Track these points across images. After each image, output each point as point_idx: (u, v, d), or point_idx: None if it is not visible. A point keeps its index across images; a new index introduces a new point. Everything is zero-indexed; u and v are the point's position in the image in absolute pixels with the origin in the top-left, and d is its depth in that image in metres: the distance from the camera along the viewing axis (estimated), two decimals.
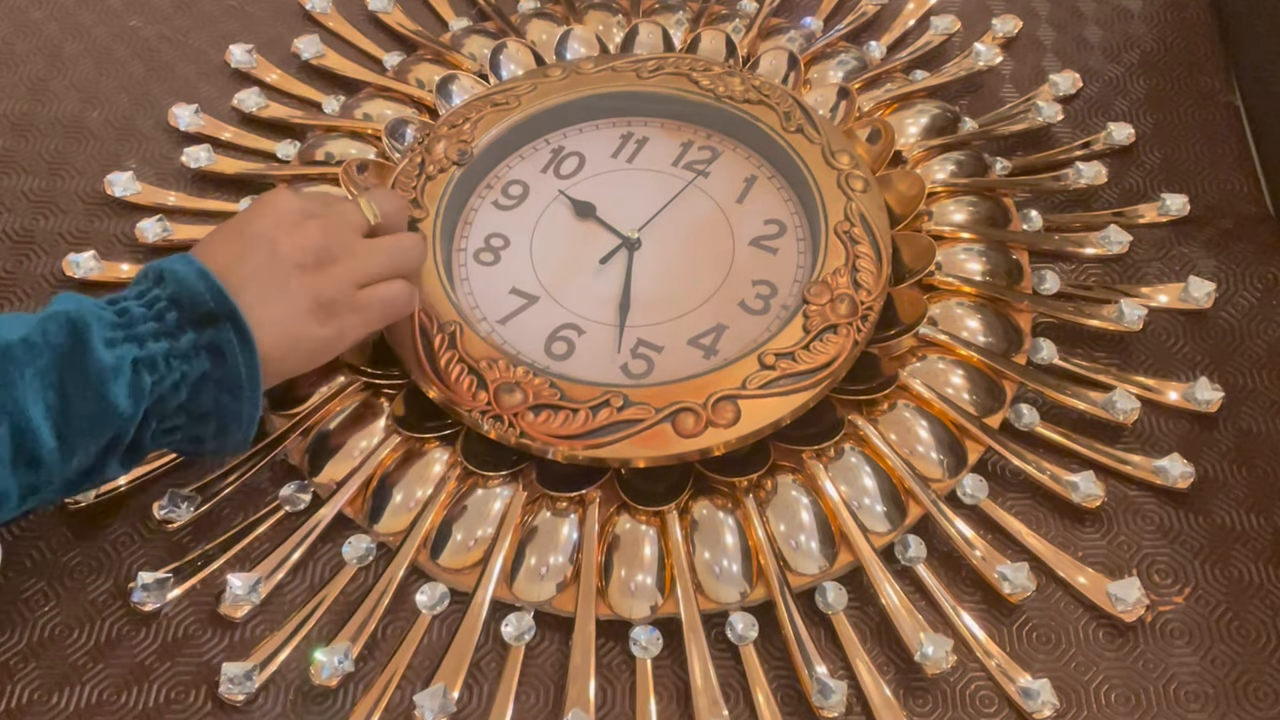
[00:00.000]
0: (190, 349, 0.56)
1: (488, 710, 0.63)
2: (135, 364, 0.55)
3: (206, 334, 0.56)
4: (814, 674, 0.62)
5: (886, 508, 0.68)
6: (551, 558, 0.66)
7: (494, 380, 0.68)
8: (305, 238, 0.62)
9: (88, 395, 0.53)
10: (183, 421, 0.58)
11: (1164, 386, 0.74)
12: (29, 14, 0.95)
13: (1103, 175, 0.83)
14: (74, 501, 0.69)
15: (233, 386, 0.57)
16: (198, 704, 0.64)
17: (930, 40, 0.92)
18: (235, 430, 0.59)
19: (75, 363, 0.53)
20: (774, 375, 0.68)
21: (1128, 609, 0.65)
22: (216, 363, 0.56)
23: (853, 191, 0.76)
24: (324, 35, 0.93)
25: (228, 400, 0.58)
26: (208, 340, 0.56)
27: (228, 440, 0.59)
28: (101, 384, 0.53)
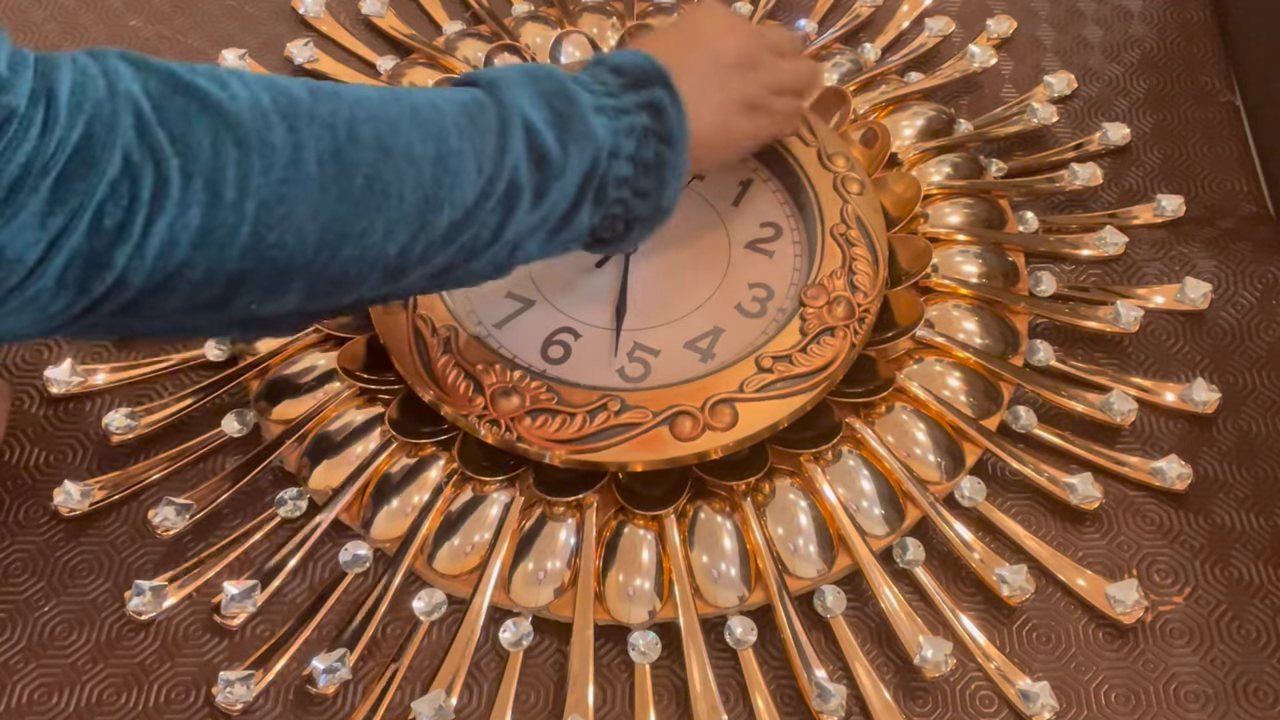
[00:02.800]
0: (633, 105, 0.61)
1: (486, 715, 0.63)
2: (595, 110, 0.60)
3: (644, 94, 0.62)
4: (813, 677, 0.62)
5: (885, 510, 0.68)
6: (549, 563, 0.66)
7: (490, 384, 0.68)
8: (740, 42, 0.69)
9: (574, 117, 0.59)
10: (630, 171, 0.61)
11: (1161, 388, 0.74)
12: (29, 14, 0.95)
13: (1098, 176, 0.83)
14: (70, 509, 0.69)
15: (670, 139, 0.62)
16: (197, 705, 0.64)
17: (925, 42, 0.92)
18: (671, 183, 0.63)
19: (560, 93, 0.59)
20: (771, 378, 0.68)
21: (1126, 611, 0.65)
22: (654, 118, 0.62)
23: (848, 194, 0.76)
24: (317, 39, 0.93)
25: (667, 152, 0.62)
26: (646, 99, 0.62)
27: (664, 196, 0.63)
28: (583, 109, 0.59)
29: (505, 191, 0.56)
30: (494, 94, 0.58)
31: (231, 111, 0.49)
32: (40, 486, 0.70)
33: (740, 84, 0.68)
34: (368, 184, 0.52)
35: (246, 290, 0.51)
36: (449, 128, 0.55)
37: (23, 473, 0.71)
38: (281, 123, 0.50)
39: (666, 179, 0.63)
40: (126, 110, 0.47)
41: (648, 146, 0.61)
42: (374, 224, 0.53)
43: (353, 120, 0.52)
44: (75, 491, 0.69)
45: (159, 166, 0.47)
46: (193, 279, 0.49)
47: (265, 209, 0.49)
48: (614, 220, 0.63)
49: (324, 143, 0.51)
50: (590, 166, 0.59)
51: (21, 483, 0.71)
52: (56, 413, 0.73)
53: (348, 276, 0.54)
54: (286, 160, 0.50)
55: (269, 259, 0.50)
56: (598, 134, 0.59)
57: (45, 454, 0.72)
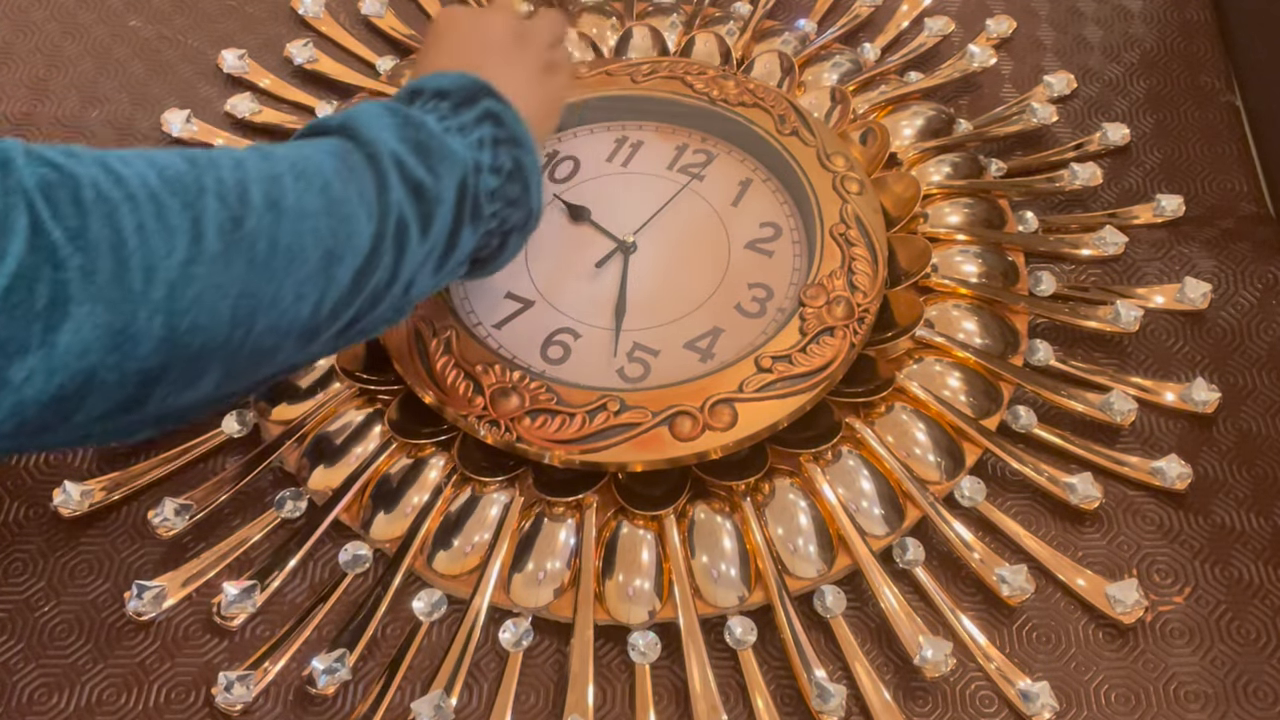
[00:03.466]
0: (473, 120, 0.62)
1: (486, 716, 0.63)
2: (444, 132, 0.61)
3: (479, 107, 0.62)
4: (813, 677, 0.62)
5: (884, 510, 0.68)
6: (549, 563, 0.66)
7: (490, 385, 0.68)
8: (499, 22, 0.70)
9: (431, 142, 0.59)
10: (497, 183, 0.62)
11: (1161, 387, 0.73)
12: (29, 14, 0.95)
13: (1098, 176, 0.83)
14: (69, 510, 0.69)
15: (518, 141, 0.63)
16: (197, 704, 0.64)
17: (924, 42, 0.92)
18: (535, 182, 0.64)
19: (410, 123, 0.59)
20: (771, 378, 0.68)
21: (1126, 610, 0.65)
22: (497, 126, 0.62)
23: (848, 194, 0.76)
24: (317, 40, 0.93)
25: (521, 154, 0.63)
26: (482, 110, 0.62)
27: (531, 197, 0.64)
28: (438, 135, 0.59)
29: (396, 229, 0.56)
30: (354, 136, 0.57)
31: (124, 198, 0.46)
32: (40, 487, 0.70)
33: (526, 55, 0.69)
34: (270, 247, 0.51)
35: (163, 385, 0.49)
36: (329, 176, 0.54)
37: (23, 473, 0.71)
38: (174, 199, 0.48)
39: (529, 180, 0.64)
40: (19, 208, 0.43)
41: (502, 154, 0.62)
42: (283, 288, 0.52)
43: (241, 184, 0.51)
44: (75, 492, 0.69)
45: (57, 269, 0.44)
46: (104, 384, 0.46)
47: (175, 294, 0.47)
48: (490, 235, 0.63)
49: (221, 213, 0.49)
50: (460, 186, 0.59)
51: (21, 483, 0.71)
52: None
53: (263, 348, 0.52)
54: (188, 239, 0.48)
55: (185, 346, 0.48)
56: (458, 153, 0.59)
57: (45, 454, 0.72)
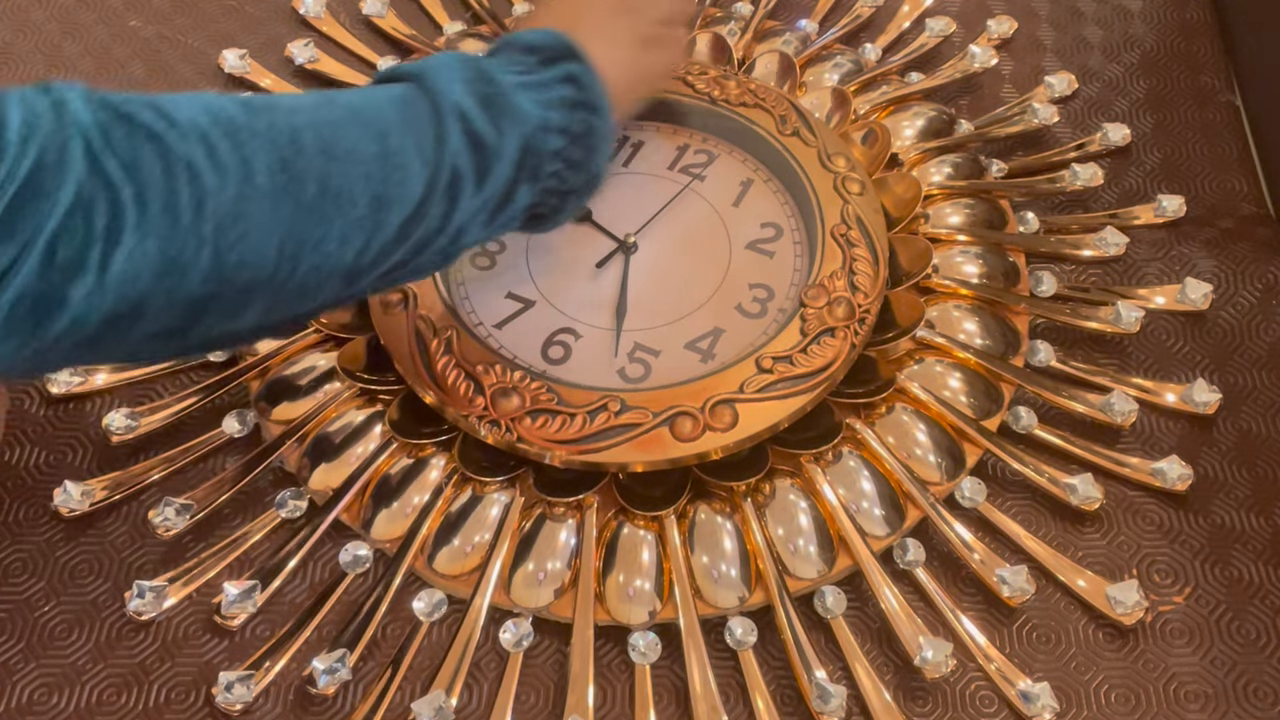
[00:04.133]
0: (553, 80, 0.62)
1: (486, 716, 0.63)
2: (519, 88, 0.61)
3: (561, 67, 0.62)
4: (813, 678, 0.62)
5: (885, 511, 0.68)
6: (549, 563, 0.66)
7: (491, 385, 0.68)
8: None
9: (500, 98, 0.59)
10: (562, 144, 0.62)
11: (1162, 388, 0.73)
12: (29, 14, 0.95)
13: (1099, 176, 0.83)
14: (70, 510, 0.69)
15: (594, 106, 0.63)
16: (197, 705, 0.64)
17: (925, 42, 0.92)
18: (602, 148, 0.64)
19: (483, 77, 0.59)
20: (771, 379, 0.68)
21: (1127, 611, 0.65)
22: (575, 89, 0.62)
23: (849, 194, 0.76)
24: (318, 39, 0.93)
25: (592, 119, 0.63)
26: (564, 72, 0.62)
27: (595, 162, 0.64)
28: (507, 90, 0.59)
29: (449, 181, 0.57)
30: (423, 85, 0.58)
31: (177, 137, 0.49)
32: (40, 487, 0.70)
33: (631, 24, 0.69)
34: (320, 191, 0.52)
35: (209, 313, 0.51)
36: (389, 124, 0.56)
37: (23, 473, 0.71)
38: (224, 140, 0.50)
39: (596, 146, 0.63)
40: (76, 140, 0.46)
41: (574, 116, 0.62)
42: (330, 231, 0.53)
43: (293, 129, 0.52)
44: (75, 492, 0.69)
45: (112, 196, 0.46)
46: (155, 309, 0.49)
47: (223, 229, 0.49)
48: (548, 194, 0.63)
49: (271, 155, 0.51)
50: (524, 143, 0.59)
51: (21, 483, 0.71)
52: (57, 413, 0.73)
53: (307, 287, 0.54)
54: (238, 177, 0.50)
55: (231, 279, 0.50)
56: (526, 111, 0.59)
57: (45, 454, 0.72)
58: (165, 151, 0.48)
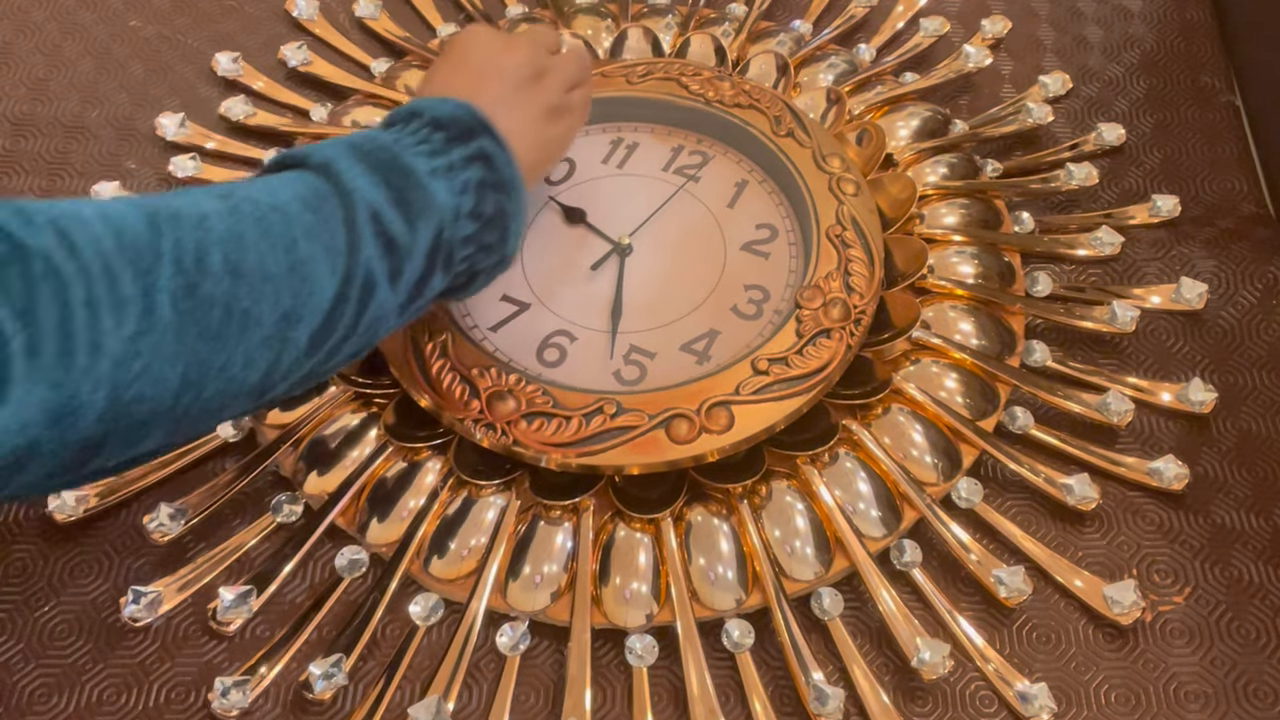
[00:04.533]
0: (462, 161, 0.60)
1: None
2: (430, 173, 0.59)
3: (471, 146, 0.61)
4: (811, 680, 0.62)
5: (882, 512, 0.68)
6: (546, 566, 0.66)
7: (486, 388, 0.68)
8: (521, 56, 0.68)
9: (411, 187, 0.58)
10: (474, 229, 0.61)
11: (1158, 388, 0.73)
12: (29, 14, 0.95)
13: (1094, 176, 0.83)
14: (64, 515, 0.69)
15: (505, 187, 0.62)
16: (197, 705, 0.63)
17: (920, 42, 0.92)
18: (513, 231, 0.63)
19: (394, 165, 0.58)
20: (767, 380, 0.68)
21: (1124, 611, 0.65)
22: (487, 169, 0.61)
23: (844, 195, 0.76)
24: (311, 42, 0.93)
25: (504, 200, 0.62)
26: (474, 150, 0.61)
27: (508, 245, 0.63)
28: (420, 177, 0.58)
29: (362, 285, 0.55)
30: (331, 180, 0.56)
31: (76, 270, 0.45)
32: None
33: (539, 96, 0.68)
34: (226, 314, 0.50)
35: (104, 451, 0.48)
36: (297, 232, 0.53)
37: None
38: (128, 269, 0.47)
39: (508, 227, 0.63)
40: None
41: (486, 200, 0.61)
42: (234, 354, 0.50)
43: (200, 248, 0.49)
44: (70, 498, 0.69)
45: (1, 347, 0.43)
46: (44, 454, 0.46)
47: (121, 367, 0.46)
48: (459, 276, 0.62)
49: (176, 280, 0.48)
50: (436, 236, 0.58)
51: None
52: None
53: (211, 409, 0.51)
54: (139, 310, 0.47)
55: (128, 414, 0.47)
56: (439, 200, 0.58)
57: None
58: (63, 290, 0.44)
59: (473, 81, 0.66)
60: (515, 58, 0.68)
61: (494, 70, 0.67)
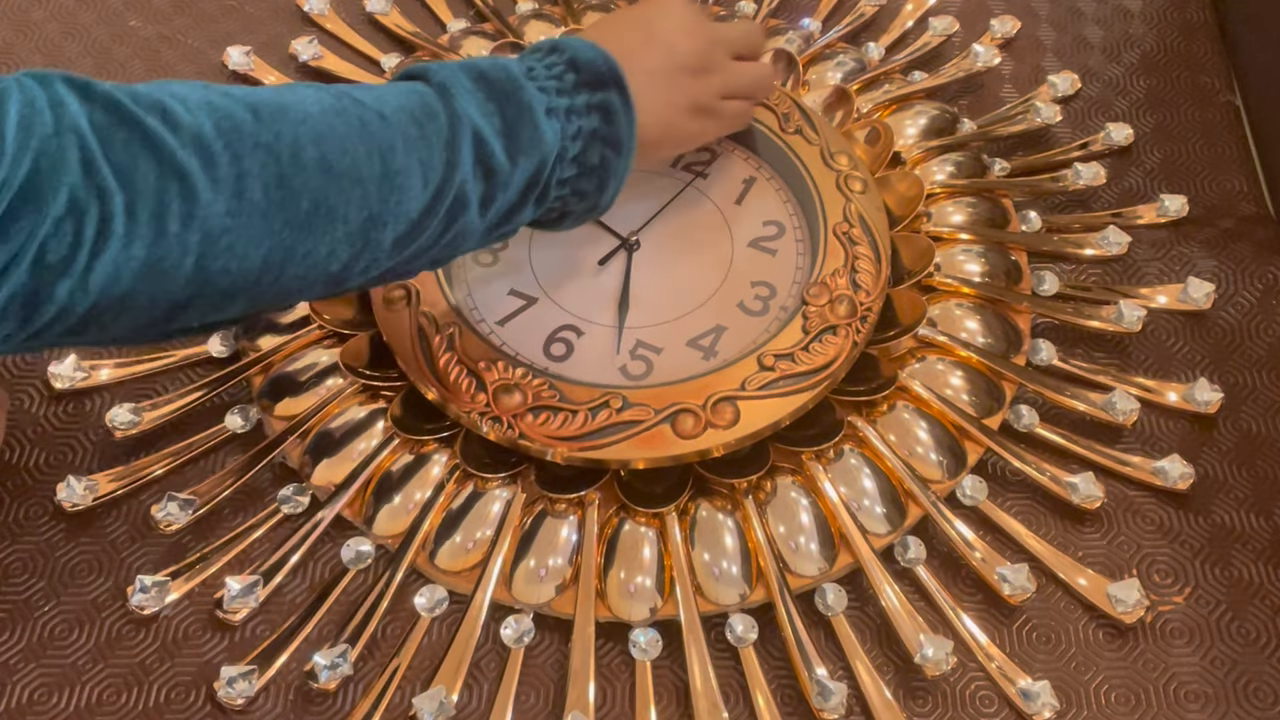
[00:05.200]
0: (584, 106, 0.61)
1: (487, 713, 0.63)
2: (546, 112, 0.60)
3: (598, 95, 0.62)
4: (814, 675, 0.62)
5: (886, 509, 0.68)
6: (551, 560, 0.66)
7: (493, 382, 0.68)
8: (698, 45, 0.69)
9: (524, 123, 0.59)
10: (573, 173, 0.62)
11: (1163, 387, 0.74)
12: (29, 14, 0.95)
13: (1101, 176, 0.83)
14: (73, 504, 0.69)
15: (616, 143, 0.62)
16: (198, 704, 0.64)
17: (929, 41, 0.92)
18: (611, 185, 0.64)
19: (512, 96, 0.59)
20: (773, 376, 0.68)
21: (1128, 610, 0.65)
22: (604, 121, 0.62)
23: (851, 193, 0.76)
24: (322, 37, 0.93)
25: (611, 156, 0.63)
26: (599, 101, 0.62)
27: (603, 196, 0.65)
28: (534, 114, 0.59)
29: (451, 203, 0.57)
30: (445, 99, 0.57)
31: (176, 145, 0.48)
32: (41, 486, 0.70)
33: (692, 87, 0.69)
34: (313, 208, 0.52)
35: (190, 311, 0.52)
36: (396, 142, 0.55)
37: (23, 473, 0.71)
38: (225, 152, 0.50)
39: (607, 182, 0.64)
40: (72, 146, 0.46)
41: (594, 150, 0.62)
42: (318, 245, 0.53)
43: (297, 143, 0.52)
44: (79, 486, 0.69)
45: (104, 203, 0.46)
46: (137, 307, 0.50)
47: (210, 240, 0.49)
48: (549, 212, 0.64)
49: (269, 170, 0.51)
50: (535, 172, 0.60)
51: (22, 483, 0.71)
52: (57, 411, 0.73)
53: (290, 291, 0.55)
54: (231, 191, 0.50)
55: (213, 285, 0.51)
56: (546, 139, 0.59)
57: (46, 454, 0.72)
58: (162, 159, 0.48)
59: (638, 44, 0.67)
60: (690, 44, 0.68)
61: (664, 44, 0.67)
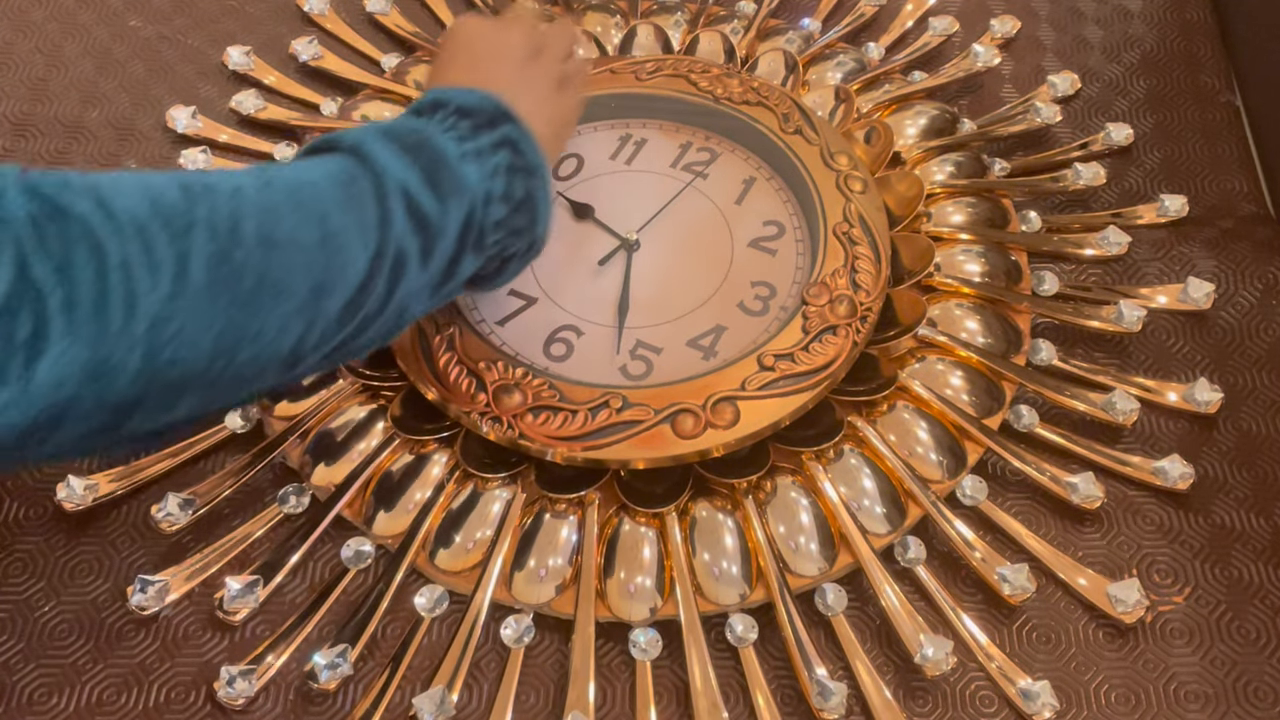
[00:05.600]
0: (490, 146, 0.62)
1: (487, 712, 0.63)
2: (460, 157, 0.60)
3: (497, 131, 0.62)
4: (814, 675, 0.62)
5: (886, 509, 0.68)
6: (551, 560, 0.66)
7: (493, 382, 0.68)
8: (518, 35, 0.70)
9: (442, 168, 0.59)
10: (505, 213, 0.62)
11: (1163, 387, 0.74)
12: (29, 14, 0.95)
13: (1101, 176, 0.83)
14: (74, 504, 0.69)
15: (531, 170, 0.63)
16: (198, 704, 0.64)
17: (928, 41, 0.92)
18: (542, 213, 0.64)
19: (426, 147, 0.59)
20: (773, 376, 0.68)
21: (1128, 610, 0.65)
22: (513, 154, 0.62)
23: (851, 193, 0.76)
24: (322, 37, 0.93)
25: (533, 184, 0.63)
26: (500, 137, 0.62)
27: (538, 227, 0.65)
28: (451, 160, 0.59)
29: (393, 262, 0.56)
30: (363, 161, 0.57)
31: (113, 232, 0.47)
32: (41, 487, 0.70)
33: (542, 70, 0.70)
34: (258, 282, 0.51)
35: (138, 413, 0.49)
36: (329, 206, 0.54)
37: (23, 473, 0.71)
38: (163, 233, 0.48)
39: (537, 210, 0.64)
40: (6, 244, 0.44)
41: (515, 184, 0.62)
42: (268, 322, 0.52)
43: (234, 217, 0.51)
44: (79, 486, 0.69)
45: (39, 304, 0.44)
46: (81, 413, 0.47)
47: (156, 329, 0.47)
48: (491, 260, 0.63)
49: (209, 247, 0.49)
50: (468, 217, 0.59)
51: (22, 483, 0.71)
52: None
53: (244, 376, 0.52)
54: (173, 274, 0.48)
55: (163, 377, 0.49)
56: (470, 183, 0.59)
57: None
58: (99, 250, 0.46)
59: (481, 69, 0.67)
60: (513, 38, 0.69)
61: (498, 55, 0.68)
